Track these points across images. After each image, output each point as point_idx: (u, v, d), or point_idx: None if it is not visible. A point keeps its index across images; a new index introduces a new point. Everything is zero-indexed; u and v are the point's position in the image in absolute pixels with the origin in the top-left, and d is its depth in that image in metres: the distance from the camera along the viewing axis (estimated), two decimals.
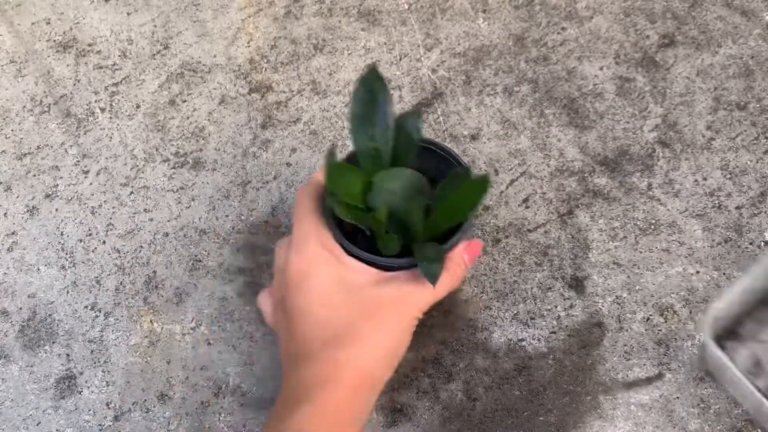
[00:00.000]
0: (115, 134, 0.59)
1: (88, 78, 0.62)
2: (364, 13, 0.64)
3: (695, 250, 0.51)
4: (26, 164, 0.58)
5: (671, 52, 0.60)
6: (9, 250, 0.55)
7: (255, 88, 0.61)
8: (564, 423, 0.46)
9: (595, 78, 0.59)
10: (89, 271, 0.54)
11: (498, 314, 0.50)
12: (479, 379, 0.48)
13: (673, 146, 0.55)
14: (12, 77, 0.63)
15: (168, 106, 0.60)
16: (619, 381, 0.47)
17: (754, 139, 0.55)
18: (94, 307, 0.52)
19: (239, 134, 0.59)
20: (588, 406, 0.47)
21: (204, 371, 0.50)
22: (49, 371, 0.50)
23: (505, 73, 0.60)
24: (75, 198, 0.57)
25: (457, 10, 0.63)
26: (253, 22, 0.64)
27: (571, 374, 0.48)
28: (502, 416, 0.47)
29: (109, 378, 0.50)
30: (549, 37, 0.61)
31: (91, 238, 0.55)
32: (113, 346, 0.51)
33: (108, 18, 0.65)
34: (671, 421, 0.46)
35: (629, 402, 0.47)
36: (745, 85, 0.57)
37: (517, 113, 0.58)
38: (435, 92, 0.59)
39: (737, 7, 0.61)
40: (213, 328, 0.51)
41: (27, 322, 0.52)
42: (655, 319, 0.49)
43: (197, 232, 0.55)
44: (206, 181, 0.57)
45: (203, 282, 0.53)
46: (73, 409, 0.49)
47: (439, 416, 0.47)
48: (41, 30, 0.65)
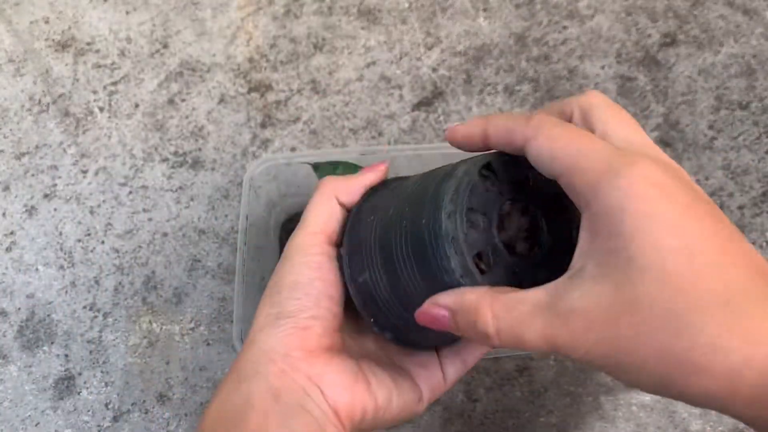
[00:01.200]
0: (113, 134, 0.59)
1: (87, 77, 0.62)
2: (364, 12, 0.63)
3: None
4: (25, 164, 0.58)
5: (673, 51, 0.59)
6: (7, 250, 0.55)
7: (254, 87, 0.60)
8: (565, 424, 0.46)
9: (597, 77, 0.59)
10: (88, 271, 0.53)
11: None
12: (480, 379, 0.48)
13: (675, 145, 0.55)
14: (10, 76, 0.62)
15: (167, 105, 0.60)
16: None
17: (756, 138, 0.55)
18: (92, 307, 0.52)
19: (238, 133, 0.58)
20: (589, 407, 0.47)
21: (203, 372, 0.49)
22: (48, 372, 0.50)
23: (506, 72, 0.60)
24: (74, 198, 0.56)
25: (457, 8, 0.63)
26: (252, 21, 0.64)
27: (573, 375, 0.48)
28: (503, 417, 0.47)
29: (108, 378, 0.50)
30: (550, 36, 0.61)
31: (90, 238, 0.55)
32: (112, 346, 0.51)
33: (107, 17, 0.65)
34: (673, 422, 0.46)
35: (630, 403, 0.46)
36: (747, 85, 0.57)
37: (518, 112, 0.58)
38: (435, 91, 0.59)
39: (739, 6, 0.61)
40: (212, 329, 0.51)
41: (25, 322, 0.52)
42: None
43: (196, 232, 0.54)
44: (205, 181, 0.57)
45: (202, 282, 0.52)
46: (72, 410, 0.49)
47: (440, 417, 0.47)
48: (40, 29, 0.65)
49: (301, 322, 0.30)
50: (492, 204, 0.28)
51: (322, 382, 0.29)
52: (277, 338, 0.29)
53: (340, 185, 0.34)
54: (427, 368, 0.33)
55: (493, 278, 0.27)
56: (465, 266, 0.26)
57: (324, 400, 0.29)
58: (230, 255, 0.53)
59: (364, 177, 0.34)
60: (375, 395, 0.30)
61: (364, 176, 0.34)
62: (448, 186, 0.27)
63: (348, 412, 0.29)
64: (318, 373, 0.29)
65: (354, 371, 0.30)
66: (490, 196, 0.28)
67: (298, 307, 0.30)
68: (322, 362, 0.29)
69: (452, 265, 0.26)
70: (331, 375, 0.29)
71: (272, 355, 0.29)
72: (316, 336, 0.30)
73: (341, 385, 0.29)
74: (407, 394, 0.32)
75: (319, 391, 0.29)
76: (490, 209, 0.28)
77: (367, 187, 0.34)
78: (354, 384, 0.30)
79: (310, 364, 0.29)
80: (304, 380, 0.29)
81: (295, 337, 0.29)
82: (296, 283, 0.30)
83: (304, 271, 0.30)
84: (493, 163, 0.28)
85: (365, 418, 0.30)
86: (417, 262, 0.28)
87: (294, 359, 0.29)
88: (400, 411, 0.32)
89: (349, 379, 0.30)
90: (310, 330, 0.30)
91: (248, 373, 0.29)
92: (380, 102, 0.59)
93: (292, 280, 0.30)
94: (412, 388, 0.32)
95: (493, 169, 0.28)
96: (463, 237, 0.26)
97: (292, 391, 0.28)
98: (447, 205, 0.26)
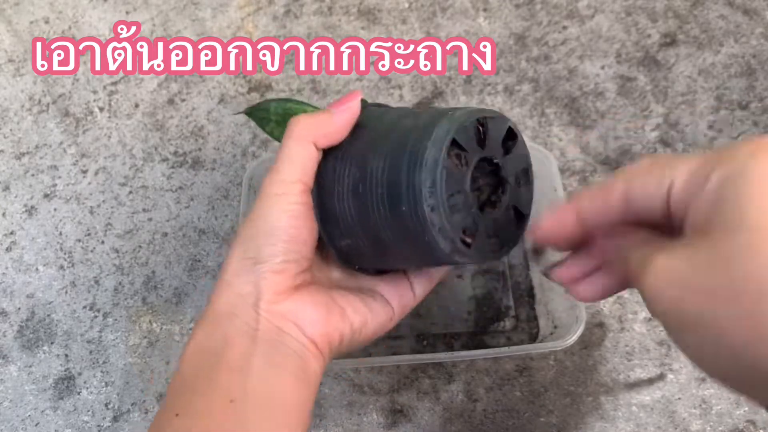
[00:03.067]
0: (113, 134, 0.59)
1: (87, 77, 0.62)
2: (364, 12, 0.63)
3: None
4: (25, 164, 0.58)
5: (673, 51, 0.59)
6: (7, 249, 0.55)
7: (254, 87, 0.60)
8: (565, 424, 0.46)
9: (597, 77, 0.59)
10: (88, 271, 0.53)
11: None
12: (480, 379, 0.48)
13: (675, 145, 0.55)
14: (10, 76, 0.62)
15: (167, 105, 0.60)
16: (620, 382, 0.47)
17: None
18: (92, 307, 0.52)
19: (238, 133, 0.58)
20: (589, 407, 0.47)
21: None
22: (48, 372, 0.50)
23: (506, 72, 0.60)
24: (74, 198, 0.56)
25: (457, 8, 0.63)
26: (252, 21, 0.64)
27: (573, 375, 0.48)
28: (503, 417, 0.47)
29: (108, 378, 0.49)
30: (550, 36, 0.61)
31: (90, 238, 0.55)
32: (112, 346, 0.51)
33: (107, 17, 0.65)
34: (673, 422, 0.46)
35: (631, 403, 0.46)
36: (747, 84, 0.57)
37: (518, 112, 0.57)
38: (436, 91, 0.59)
39: (739, 6, 0.61)
40: None
41: (25, 322, 0.52)
42: (656, 320, 0.49)
43: (196, 231, 0.54)
44: (205, 181, 0.56)
45: (202, 282, 0.52)
46: (72, 410, 0.49)
47: (440, 417, 0.47)
48: (40, 29, 0.65)
49: (276, 266, 0.31)
50: (464, 178, 0.29)
51: (297, 318, 0.31)
52: (253, 283, 0.30)
53: (318, 129, 0.31)
54: (397, 287, 0.35)
55: (477, 244, 0.29)
56: (454, 247, 0.28)
57: (301, 333, 0.31)
58: None
59: (340, 117, 0.31)
60: (350, 320, 0.32)
61: (341, 116, 0.31)
62: (424, 177, 0.27)
63: (325, 340, 0.31)
64: (292, 309, 0.31)
65: (327, 302, 0.32)
66: (462, 172, 0.29)
67: (273, 252, 0.31)
68: (296, 300, 0.31)
69: (442, 247, 0.28)
70: (306, 310, 0.31)
71: (248, 299, 0.30)
72: (290, 278, 0.31)
73: (316, 318, 0.31)
74: (381, 315, 0.34)
75: (294, 326, 0.30)
76: (464, 184, 0.29)
77: (344, 127, 0.32)
78: (328, 314, 0.31)
79: (285, 304, 0.31)
80: (280, 319, 0.30)
81: (270, 281, 0.30)
82: (273, 229, 0.31)
83: (282, 218, 0.31)
84: (458, 139, 0.28)
85: (342, 342, 0.32)
86: (405, 240, 0.29)
87: (269, 302, 0.30)
88: (374, 331, 0.34)
89: (323, 310, 0.31)
90: (284, 273, 0.31)
91: (224, 315, 0.30)
92: (380, 102, 0.59)
93: (269, 227, 0.31)
94: (384, 309, 0.34)
95: (460, 144, 0.29)
96: (448, 225, 0.28)
97: (269, 331, 0.30)
98: (427, 198, 0.27)
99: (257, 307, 0.30)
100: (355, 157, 0.31)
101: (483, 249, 0.30)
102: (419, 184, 0.27)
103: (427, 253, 0.29)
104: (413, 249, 0.29)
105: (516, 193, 0.32)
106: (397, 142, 0.29)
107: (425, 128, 0.29)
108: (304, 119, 0.32)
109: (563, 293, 0.45)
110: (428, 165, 0.27)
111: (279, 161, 0.32)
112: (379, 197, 0.29)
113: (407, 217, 0.28)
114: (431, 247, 0.28)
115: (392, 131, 0.30)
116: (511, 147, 0.31)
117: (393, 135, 0.30)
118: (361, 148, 0.31)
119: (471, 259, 0.29)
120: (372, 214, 0.30)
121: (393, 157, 0.29)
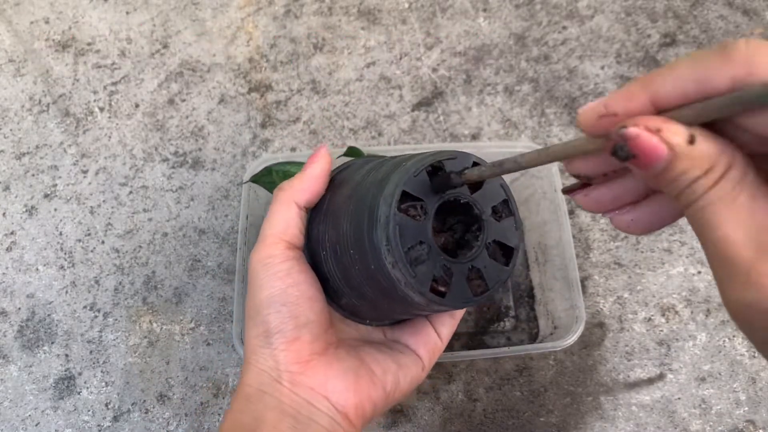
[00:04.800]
0: (114, 134, 0.59)
1: (87, 77, 0.62)
2: (364, 12, 0.64)
3: (696, 250, 0.51)
4: (25, 164, 0.58)
5: (672, 52, 0.59)
6: (8, 249, 0.55)
7: (254, 87, 0.60)
8: (565, 424, 0.46)
9: (597, 77, 0.59)
10: (88, 271, 0.53)
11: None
12: (480, 379, 0.48)
13: None
14: (11, 76, 0.62)
15: (167, 105, 0.60)
16: (620, 381, 0.47)
17: None
18: (93, 307, 0.52)
19: (239, 133, 0.58)
20: (589, 406, 0.47)
21: (203, 372, 0.49)
22: (48, 371, 0.50)
23: (506, 72, 0.60)
24: (74, 198, 0.56)
25: (457, 8, 0.63)
26: (252, 21, 0.64)
27: (572, 375, 0.48)
28: (503, 417, 0.47)
29: (108, 378, 0.50)
30: (550, 36, 0.61)
31: (90, 238, 0.55)
32: (112, 346, 0.51)
33: (107, 17, 0.65)
34: (672, 422, 0.46)
35: (630, 403, 0.46)
36: None
37: (518, 112, 0.58)
38: (435, 91, 0.59)
39: (739, 6, 0.61)
40: (212, 329, 0.51)
41: (26, 322, 0.52)
42: (656, 320, 0.49)
43: (196, 231, 0.54)
44: (205, 181, 0.57)
45: (202, 282, 0.52)
46: (72, 410, 0.49)
47: (440, 417, 0.47)
48: (40, 29, 0.65)
49: (289, 334, 0.29)
50: (424, 227, 0.28)
51: (326, 390, 0.29)
52: (271, 357, 0.29)
53: (294, 188, 0.32)
54: (420, 334, 0.33)
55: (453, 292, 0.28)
56: (425, 298, 0.27)
57: (331, 407, 0.29)
58: (230, 255, 0.53)
59: (312, 169, 0.32)
60: (382, 383, 0.30)
61: (311, 168, 0.32)
62: (380, 235, 0.26)
63: (358, 412, 0.29)
64: (320, 382, 0.29)
65: (355, 368, 0.30)
66: (420, 222, 0.27)
67: (281, 320, 0.29)
68: (321, 370, 0.29)
69: (417, 300, 0.27)
70: (334, 381, 0.29)
71: (272, 374, 0.29)
72: (307, 344, 0.29)
73: (344, 387, 0.29)
74: (411, 369, 0.32)
75: (324, 399, 0.29)
76: (425, 234, 0.28)
77: (319, 178, 0.32)
78: (357, 381, 0.30)
79: (310, 376, 0.29)
80: (308, 393, 0.29)
81: (288, 351, 0.29)
82: (271, 297, 0.30)
83: (274, 283, 0.30)
84: (409, 190, 0.27)
85: (376, 409, 0.30)
86: (385, 296, 0.29)
87: (294, 374, 0.29)
88: (408, 388, 0.32)
89: (352, 378, 0.30)
90: (299, 340, 0.29)
91: (253, 392, 0.29)
92: (380, 102, 0.59)
93: (266, 296, 0.30)
94: (414, 361, 0.32)
95: (411, 194, 0.27)
96: (412, 279, 0.27)
97: (300, 406, 0.29)
98: (386, 257, 0.26)
99: (280, 380, 0.29)
100: (331, 218, 0.31)
101: (463, 294, 0.28)
102: (378, 242, 0.26)
103: (409, 305, 0.28)
104: (397, 303, 0.29)
105: (497, 227, 0.30)
106: (360, 200, 0.28)
107: (380, 183, 0.28)
108: (285, 184, 0.32)
109: (563, 293, 0.45)
110: (381, 222, 0.27)
111: (262, 229, 0.32)
112: (352, 258, 0.28)
113: (378, 275, 0.27)
114: (408, 301, 0.28)
115: (359, 188, 0.29)
116: (481, 183, 0.30)
117: (359, 193, 0.29)
118: (336, 209, 0.31)
119: (451, 307, 0.28)
120: (352, 274, 0.29)
121: (357, 217, 0.28)
